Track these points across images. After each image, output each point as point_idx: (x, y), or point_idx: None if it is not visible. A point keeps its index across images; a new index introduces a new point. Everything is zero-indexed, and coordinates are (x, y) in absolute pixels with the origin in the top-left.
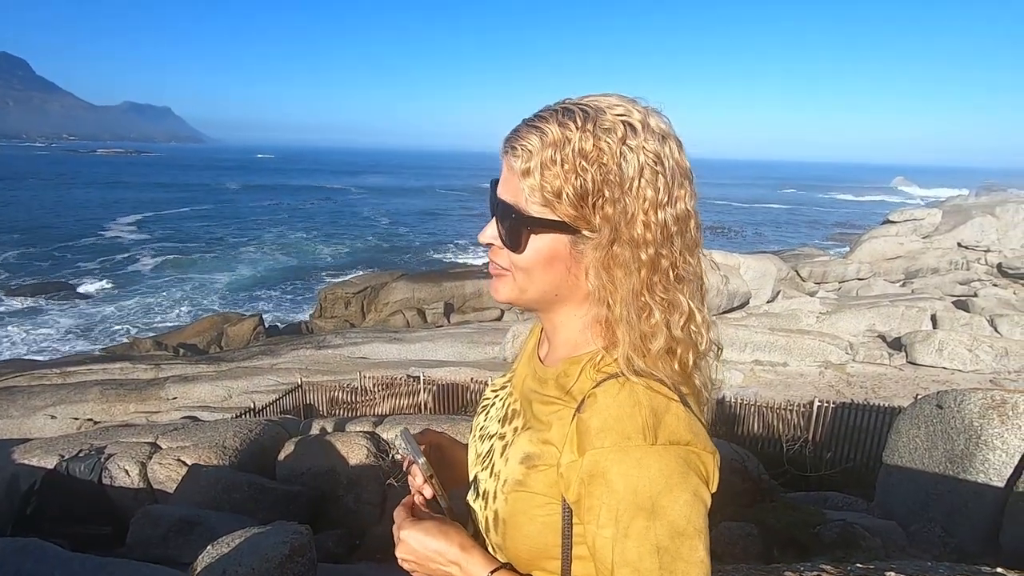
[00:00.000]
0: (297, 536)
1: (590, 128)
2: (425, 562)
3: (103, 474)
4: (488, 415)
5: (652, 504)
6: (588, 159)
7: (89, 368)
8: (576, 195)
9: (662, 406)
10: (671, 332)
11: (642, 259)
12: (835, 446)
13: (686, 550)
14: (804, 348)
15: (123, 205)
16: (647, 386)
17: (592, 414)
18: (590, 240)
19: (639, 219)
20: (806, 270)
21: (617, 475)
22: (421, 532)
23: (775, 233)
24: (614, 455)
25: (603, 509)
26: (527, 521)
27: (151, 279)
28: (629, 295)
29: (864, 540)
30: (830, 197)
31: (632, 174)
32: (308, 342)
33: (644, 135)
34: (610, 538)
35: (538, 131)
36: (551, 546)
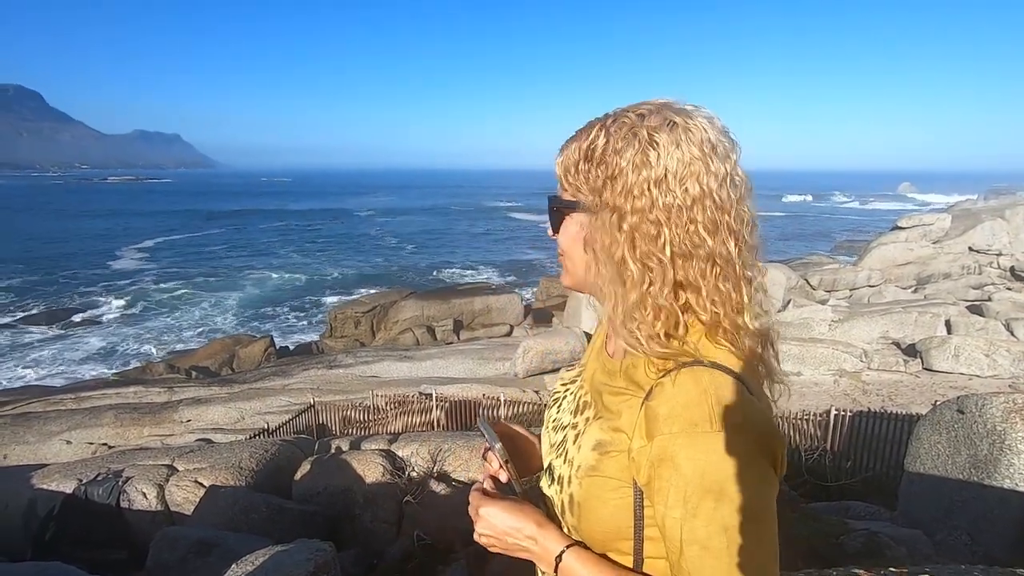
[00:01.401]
0: (321, 553)
1: (608, 123)
2: (503, 537)
3: (121, 497)
4: (560, 407)
5: (720, 487)
6: (594, 150)
7: (103, 393)
8: (585, 176)
9: (728, 393)
10: (718, 313)
11: (653, 234)
12: (854, 455)
13: (759, 532)
14: (817, 357)
15: (134, 232)
16: (711, 373)
17: (660, 402)
18: (600, 217)
19: (632, 200)
20: (816, 278)
21: (685, 459)
22: (499, 509)
23: (782, 242)
24: (682, 440)
25: (672, 491)
26: (600, 504)
27: (162, 304)
28: (658, 273)
29: (889, 549)
30: (835, 205)
31: (623, 163)
32: (319, 362)
33: (646, 128)
34: (679, 518)
35: (573, 137)
36: (624, 527)
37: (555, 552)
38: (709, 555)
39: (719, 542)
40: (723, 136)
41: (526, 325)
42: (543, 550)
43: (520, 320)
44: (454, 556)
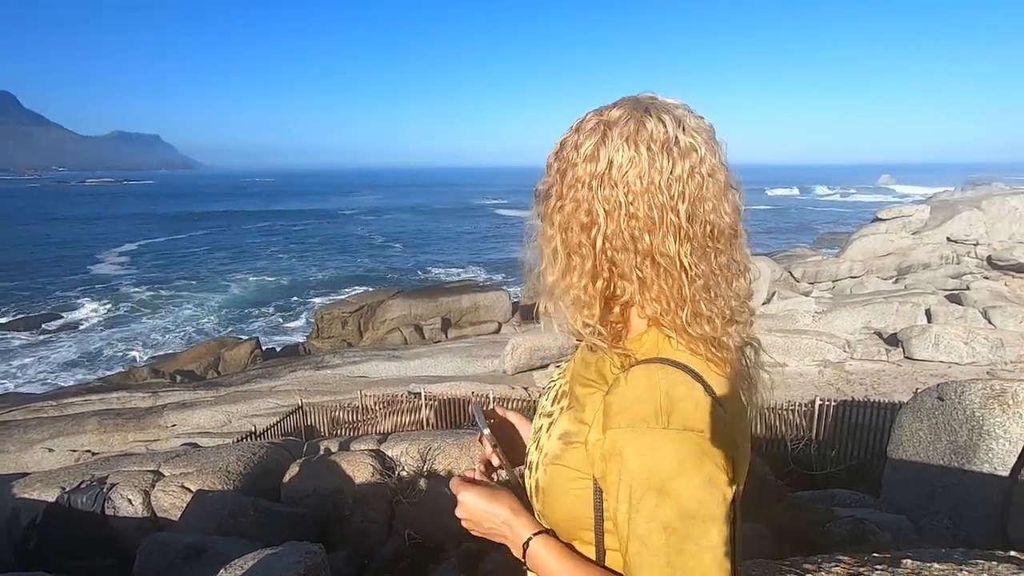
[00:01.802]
0: (311, 555)
1: (584, 121)
2: (481, 520)
3: (106, 504)
4: (548, 396)
5: (662, 485)
6: (563, 144)
7: (86, 399)
8: (548, 166)
9: (679, 391)
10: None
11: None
12: (839, 444)
13: (696, 533)
14: (802, 348)
15: (114, 235)
16: (666, 371)
17: (614, 396)
18: (547, 205)
19: (582, 188)
20: (799, 271)
21: (631, 455)
22: (476, 494)
23: (766, 235)
24: (629, 435)
25: (620, 485)
26: (562, 493)
27: (145, 308)
28: (584, 264)
29: (874, 535)
30: (818, 198)
31: (577, 156)
32: (306, 363)
33: (613, 115)
34: (625, 512)
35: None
36: (584, 518)
37: (524, 538)
38: (647, 552)
39: (657, 540)
40: (691, 134)
41: (514, 322)
42: (515, 536)
43: (508, 317)
44: (445, 555)
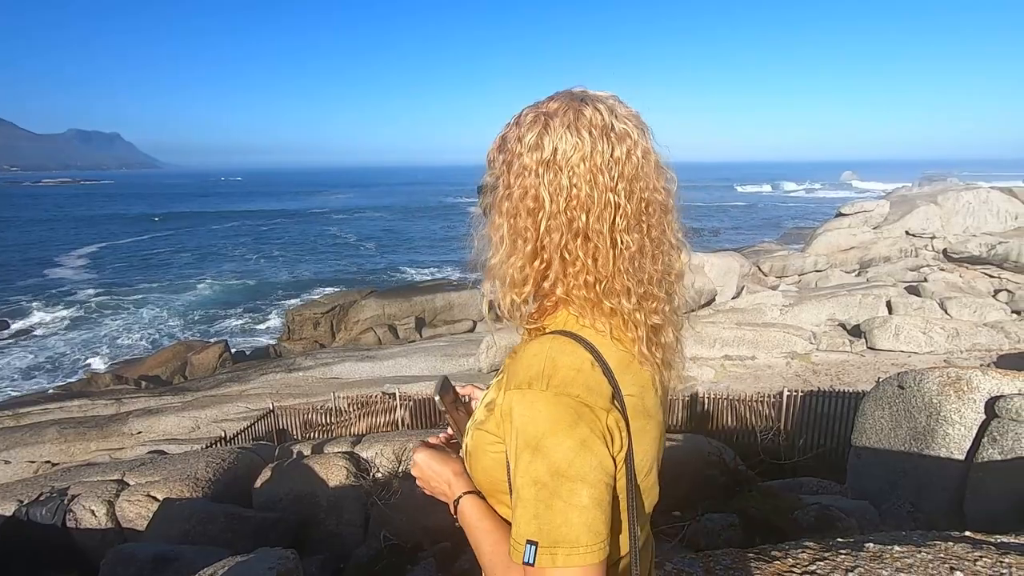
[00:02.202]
0: (283, 561)
1: (522, 116)
2: (429, 479)
3: (67, 517)
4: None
5: (536, 443)
6: (505, 138)
7: (44, 408)
8: (492, 160)
9: (563, 359)
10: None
11: (532, 208)
12: (806, 433)
13: (565, 491)
14: (770, 341)
15: (72, 238)
16: (558, 340)
17: (513, 362)
18: (496, 195)
19: (522, 174)
20: (767, 265)
21: (517, 414)
22: (429, 456)
23: (734, 232)
24: (516, 396)
25: (510, 443)
26: (483, 455)
27: (107, 312)
28: (528, 246)
29: (840, 521)
30: (784, 194)
31: (521, 147)
32: (278, 366)
33: (543, 114)
34: (512, 467)
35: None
36: (500, 480)
37: (456, 496)
38: (521, 503)
39: (527, 493)
40: (624, 120)
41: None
42: (451, 494)
43: (483, 316)
44: (422, 555)
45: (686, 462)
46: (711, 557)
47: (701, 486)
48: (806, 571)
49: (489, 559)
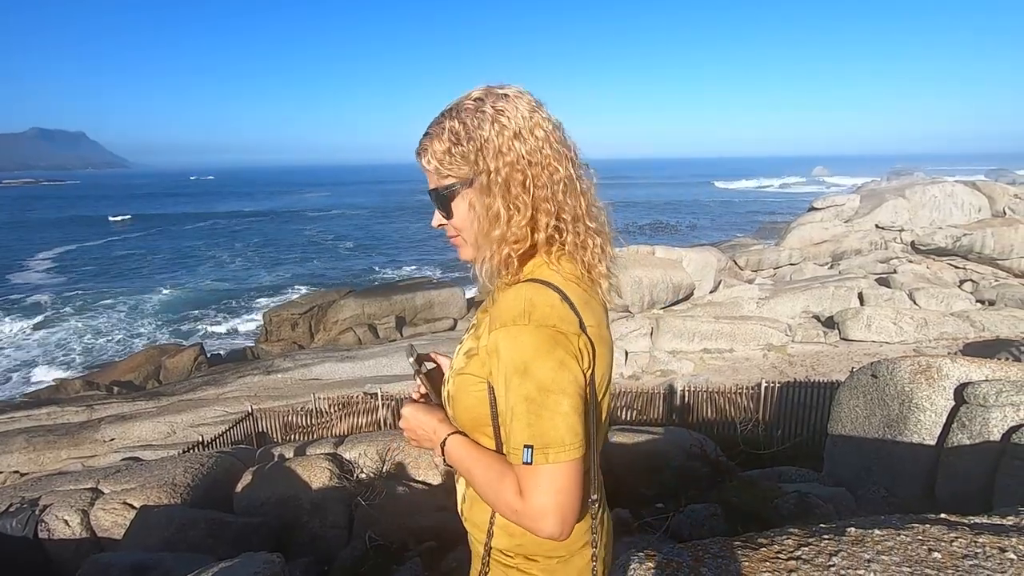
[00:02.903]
0: (269, 565)
1: (454, 114)
2: (416, 428)
3: (39, 528)
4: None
5: (525, 366)
6: (458, 134)
7: (11, 416)
8: (463, 158)
9: (539, 298)
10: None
11: (520, 179)
12: (783, 423)
13: (551, 402)
14: (747, 333)
15: (36, 240)
16: (532, 286)
17: (494, 307)
18: (477, 182)
19: (500, 153)
20: (743, 259)
21: (504, 348)
22: (415, 409)
23: (710, 226)
24: (502, 332)
25: (498, 375)
26: (466, 396)
27: (75, 317)
28: (522, 209)
29: (818, 508)
30: (759, 189)
31: (486, 133)
32: (256, 368)
33: (489, 105)
34: (502, 395)
35: (430, 136)
36: (483, 415)
37: (442, 438)
38: (515, 419)
39: (520, 408)
40: (529, 96)
41: (469, 318)
42: (436, 438)
43: (464, 313)
44: (408, 555)
45: (668, 454)
46: (699, 546)
47: (684, 478)
48: (792, 556)
49: (483, 477)
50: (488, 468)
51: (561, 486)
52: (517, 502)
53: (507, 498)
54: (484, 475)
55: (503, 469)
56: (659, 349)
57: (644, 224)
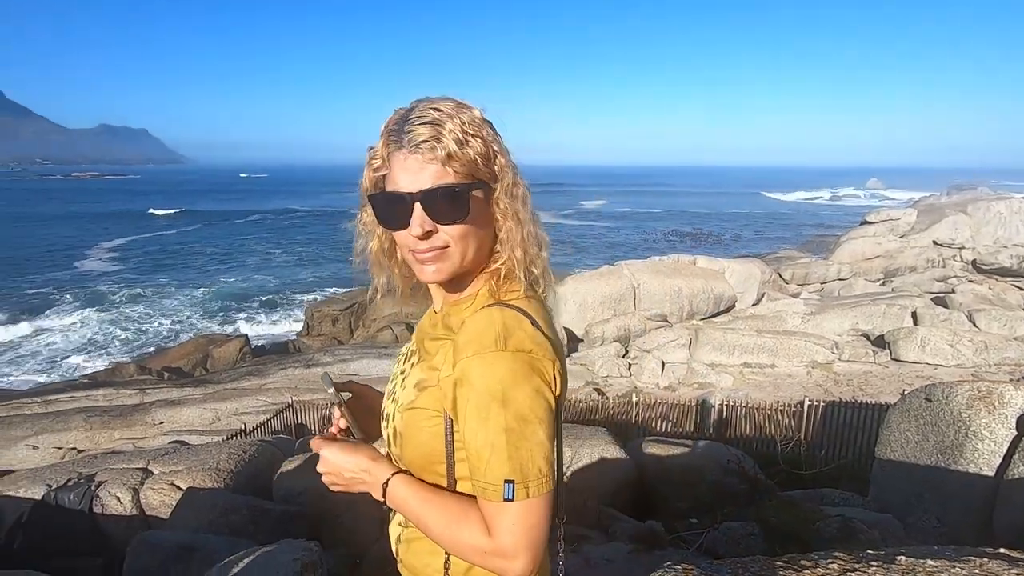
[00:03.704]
0: (307, 553)
1: (454, 114)
2: (342, 472)
3: (94, 502)
4: (398, 364)
5: (503, 395)
6: (478, 130)
7: (71, 396)
8: (483, 157)
9: (513, 323)
10: (537, 265)
11: (524, 200)
12: (827, 444)
13: (529, 432)
14: (791, 349)
15: (101, 231)
16: (501, 310)
17: (461, 335)
18: (497, 188)
19: (509, 171)
20: (788, 272)
21: (477, 376)
22: (336, 449)
23: (755, 238)
24: (475, 361)
25: (468, 405)
26: (418, 432)
27: (132, 304)
28: (528, 232)
29: (863, 533)
30: (806, 201)
31: (492, 142)
32: (296, 361)
33: (473, 108)
34: (474, 427)
35: (434, 126)
36: (437, 451)
37: (384, 479)
38: (495, 452)
39: (500, 440)
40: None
41: None
42: (374, 479)
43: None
44: None
45: (704, 468)
46: (739, 563)
47: (719, 493)
48: None
49: (438, 519)
50: (444, 509)
51: (534, 522)
52: (485, 542)
53: (471, 539)
54: (440, 517)
55: (463, 508)
56: (697, 361)
57: (686, 233)
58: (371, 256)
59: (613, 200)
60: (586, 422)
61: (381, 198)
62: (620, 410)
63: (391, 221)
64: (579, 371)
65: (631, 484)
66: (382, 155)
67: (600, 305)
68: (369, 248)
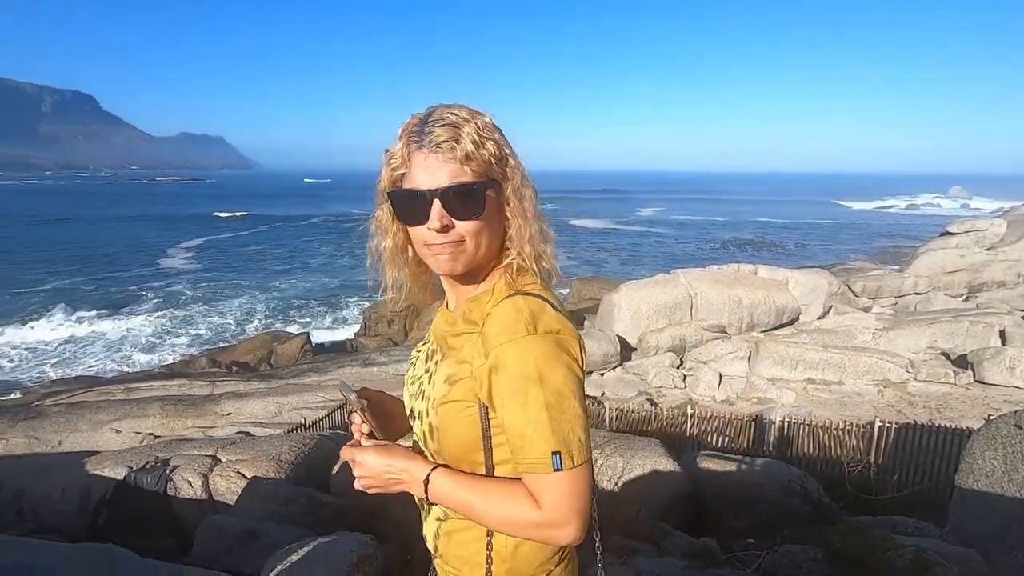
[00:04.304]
0: (363, 546)
1: (471, 119)
2: (380, 475)
3: (168, 485)
4: (415, 367)
5: (539, 375)
6: (491, 134)
7: (150, 384)
8: (496, 158)
9: (537, 309)
10: (546, 260)
11: (532, 199)
12: (900, 469)
13: (567, 406)
14: (860, 366)
15: (179, 231)
16: (524, 298)
17: (489, 326)
18: (508, 188)
19: (518, 172)
20: (859, 285)
21: (512, 361)
22: (373, 453)
23: (822, 247)
24: (508, 347)
25: (505, 389)
26: (454, 424)
27: (206, 301)
28: (535, 230)
29: (940, 567)
30: (879, 210)
31: (504, 146)
32: (354, 360)
33: (488, 119)
34: (514, 409)
35: (453, 128)
36: (474, 439)
37: (424, 475)
38: (538, 428)
39: (544, 416)
40: None
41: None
42: (413, 478)
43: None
44: None
45: (763, 486)
46: None
47: (779, 514)
48: None
49: (485, 502)
50: (490, 491)
51: (580, 489)
52: (537, 515)
53: (523, 514)
54: (487, 499)
55: (507, 487)
56: (757, 375)
57: (746, 241)
58: (385, 254)
59: (670, 207)
60: (638, 432)
61: (401, 194)
62: (674, 422)
63: (410, 216)
64: (631, 380)
65: (685, 499)
66: (402, 155)
67: (655, 314)
68: (383, 246)
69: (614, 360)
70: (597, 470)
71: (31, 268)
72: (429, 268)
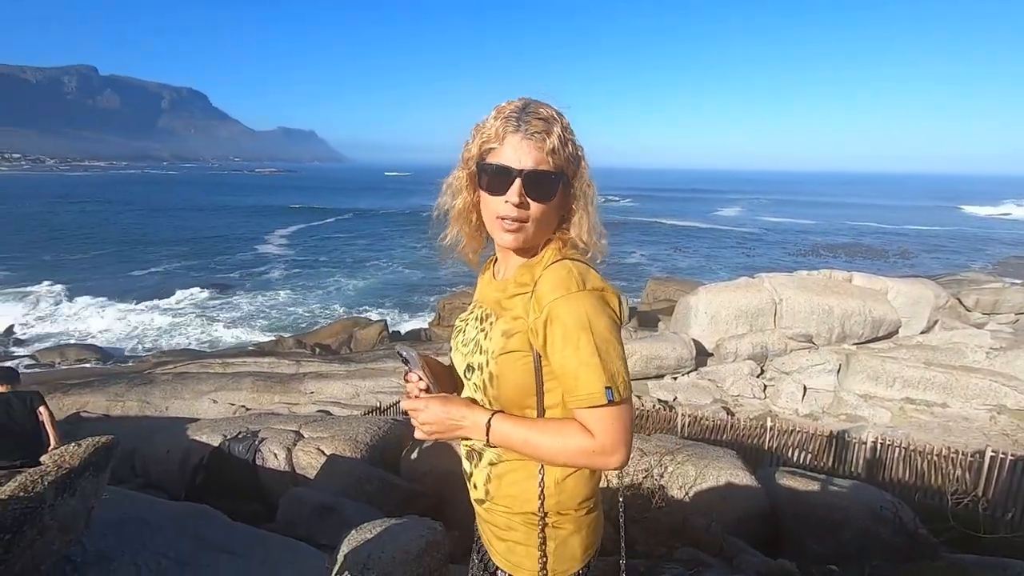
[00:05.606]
0: (432, 531)
1: (558, 118)
2: (443, 421)
3: (256, 455)
4: (464, 332)
5: (589, 323)
6: (571, 136)
7: (244, 361)
8: (572, 157)
9: (583, 270)
10: (599, 248)
11: (593, 196)
12: (1015, 505)
13: (612, 349)
14: (970, 388)
15: (276, 219)
16: (573, 262)
17: (542, 284)
18: (576, 183)
19: (586, 171)
20: (971, 298)
21: (566, 313)
22: (436, 402)
23: (928, 254)
24: (561, 302)
25: (559, 337)
26: (512, 372)
27: (296, 284)
28: (595, 218)
29: None
30: (998, 217)
31: (577, 146)
32: (427, 348)
33: (567, 123)
34: (569, 353)
35: (546, 123)
36: (529, 385)
37: (484, 421)
38: (591, 369)
39: (594, 359)
40: None
41: (631, 327)
42: (474, 424)
43: (625, 322)
44: None
45: (850, 511)
46: None
47: (867, 542)
48: None
49: (542, 436)
50: (547, 428)
51: (626, 421)
52: (591, 443)
53: (578, 443)
54: (545, 434)
55: (561, 423)
56: (847, 390)
57: (839, 245)
58: (454, 212)
59: (753, 208)
60: (712, 442)
61: (491, 167)
62: (751, 433)
63: (493, 187)
64: (706, 387)
65: (761, 516)
66: (497, 132)
67: (735, 319)
68: (454, 204)
69: (688, 365)
70: (667, 477)
71: (150, 250)
72: (482, 236)
